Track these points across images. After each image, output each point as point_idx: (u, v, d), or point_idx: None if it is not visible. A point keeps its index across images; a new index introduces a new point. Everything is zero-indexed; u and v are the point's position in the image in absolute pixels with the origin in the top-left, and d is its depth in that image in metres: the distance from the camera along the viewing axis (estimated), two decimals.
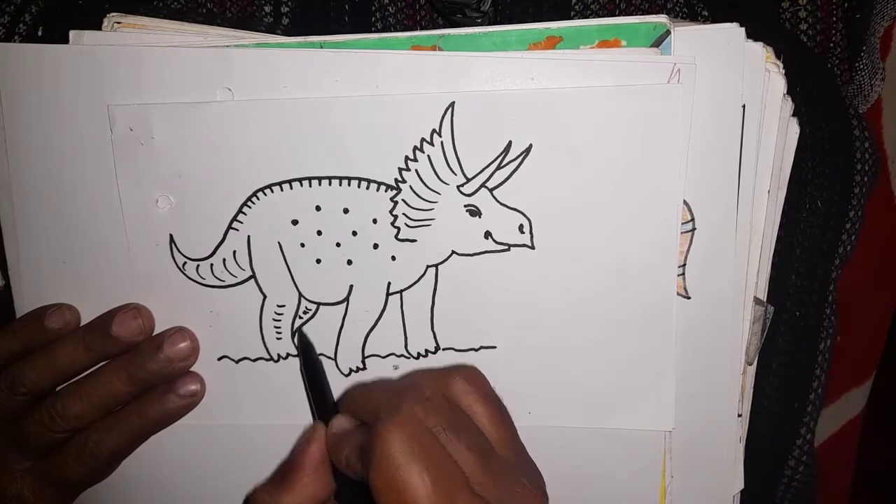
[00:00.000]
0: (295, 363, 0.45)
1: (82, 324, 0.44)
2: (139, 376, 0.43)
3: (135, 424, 0.44)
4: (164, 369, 0.43)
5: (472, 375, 0.39)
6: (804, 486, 0.51)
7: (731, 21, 0.40)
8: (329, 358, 0.45)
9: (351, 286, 0.44)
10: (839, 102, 0.48)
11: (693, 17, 0.48)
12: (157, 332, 0.44)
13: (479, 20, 0.47)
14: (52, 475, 0.44)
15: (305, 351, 0.44)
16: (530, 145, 0.41)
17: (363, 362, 0.44)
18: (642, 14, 0.44)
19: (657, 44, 0.40)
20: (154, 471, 0.47)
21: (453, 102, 0.40)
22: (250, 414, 0.46)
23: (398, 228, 0.42)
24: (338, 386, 0.45)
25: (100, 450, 0.43)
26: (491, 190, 0.41)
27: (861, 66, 0.49)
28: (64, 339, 0.43)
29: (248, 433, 0.46)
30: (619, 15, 0.49)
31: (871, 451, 0.65)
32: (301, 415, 0.45)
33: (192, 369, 0.45)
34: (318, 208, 0.42)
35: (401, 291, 0.43)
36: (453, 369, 0.39)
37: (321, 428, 0.39)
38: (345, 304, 0.44)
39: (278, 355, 0.45)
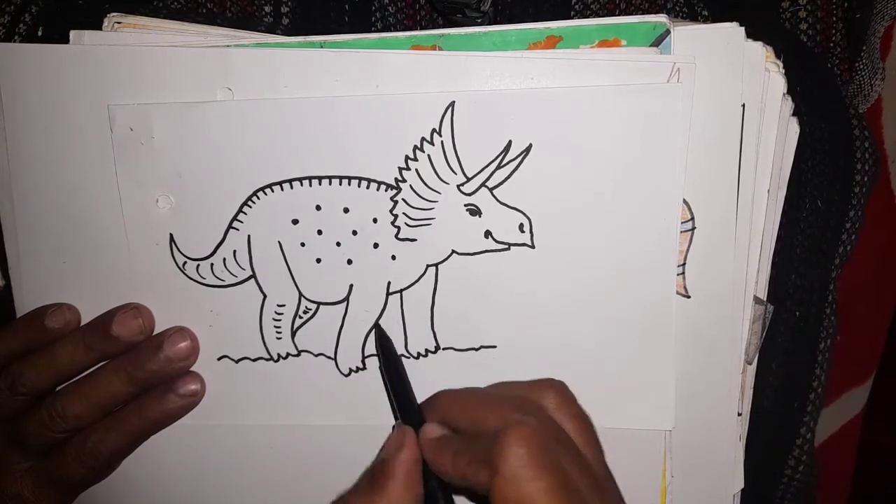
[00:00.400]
0: (294, 363, 0.45)
1: (82, 323, 0.44)
2: (139, 376, 0.43)
3: (134, 424, 0.44)
4: (164, 369, 0.43)
5: (563, 391, 0.38)
6: (804, 486, 0.51)
7: (731, 21, 0.40)
8: (329, 358, 0.45)
9: (351, 286, 0.44)
10: (839, 102, 0.48)
11: (693, 16, 0.48)
12: (157, 331, 0.44)
13: (479, 20, 0.47)
14: (51, 475, 0.44)
15: (385, 348, 0.43)
16: (530, 145, 0.41)
17: (363, 362, 0.44)
18: (642, 14, 0.44)
19: (657, 43, 0.40)
20: (154, 471, 0.46)
21: (453, 102, 0.40)
22: (250, 414, 0.46)
23: (398, 228, 0.42)
24: (338, 386, 0.45)
25: (99, 450, 0.43)
26: (491, 189, 0.41)
27: (861, 66, 0.49)
28: (64, 339, 0.43)
29: (248, 433, 0.46)
30: (618, 14, 0.49)
31: (871, 451, 0.65)
32: (301, 415, 0.45)
33: (192, 369, 0.45)
34: (318, 208, 0.42)
35: (401, 291, 0.43)
36: (543, 383, 0.39)
37: (412, 433, 0.39)
38: (345, 303, 0.44)
39: (278, 355, 0.45)
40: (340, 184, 0.42)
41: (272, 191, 0.42)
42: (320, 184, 0.42)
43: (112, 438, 0.43)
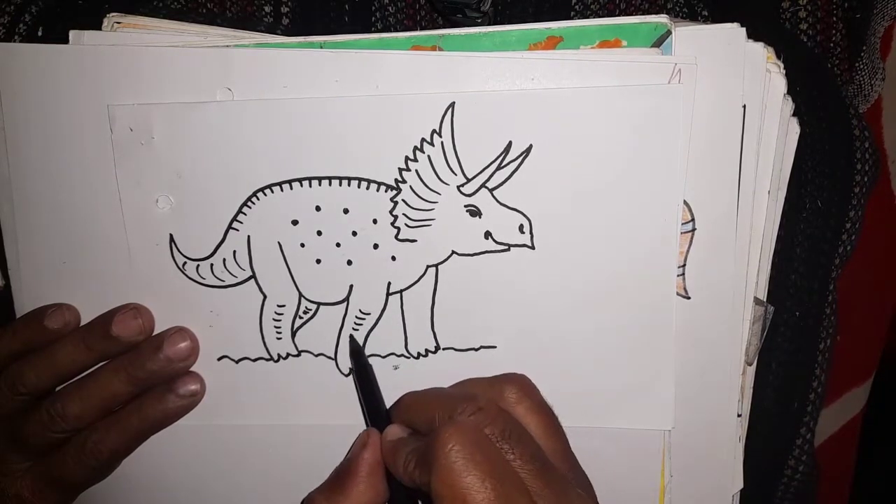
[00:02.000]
0: (295, 363, 0.45)
1: (82, 324, 0.44)
2: (139, 376, 0.43)
3: (134, 425, 0.44)
4: (164, 369, 0.43)
5: (524, 385, 0.39)
6: (804, 486, 0.51)
7: (732, 21, 0.40)
8: (329, 358, 0.45)
9: (351, 286, 0.44)
10: (839, 102, 0.48)
11: (693, 17, 0.48)
12: (157, 331, 0.44)
13: (479, 20, 0.47)
14: (51, 475, 0.44)
15: (356, 357, 0.44)
16: (530, 145, 0.41)
17: None
18: (642, 14, 0.44)
19: (658, 44, 0.40)
20: (154, 471, 0.47)
21: (453, 102, 0.40)
22: (250, 414, 0.46)
23: (398, 228, 0.42)
24: (338, 386, 0.45)
25: (99, 450, 0.43)
26: (491, 190, 0.41)
27: (861, 66, 0.49)
28: (64, 340, 0.43)
29: (248, 433, 0.46)
30: (619, 15, 0.49)
31: (871, 451, 0.65)
32: (301, 415, 0.45)
33: (192, 369, 0.45)
34: (318, 208, 0.42)
35: (401, 291, 0.43)
36: (505, 378, 0.40)
37: (375, 434, 0.40)
38: (345, 304, 0.44)
39: (278, 355, 0.45)
40: (340, 184, 0.42)
41: (272, 191, 0.42)
42: (320, 184, 0.42)
43: (112, 438, 0.43)
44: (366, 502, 0.38)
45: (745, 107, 0.40)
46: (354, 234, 0.43)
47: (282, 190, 0.42)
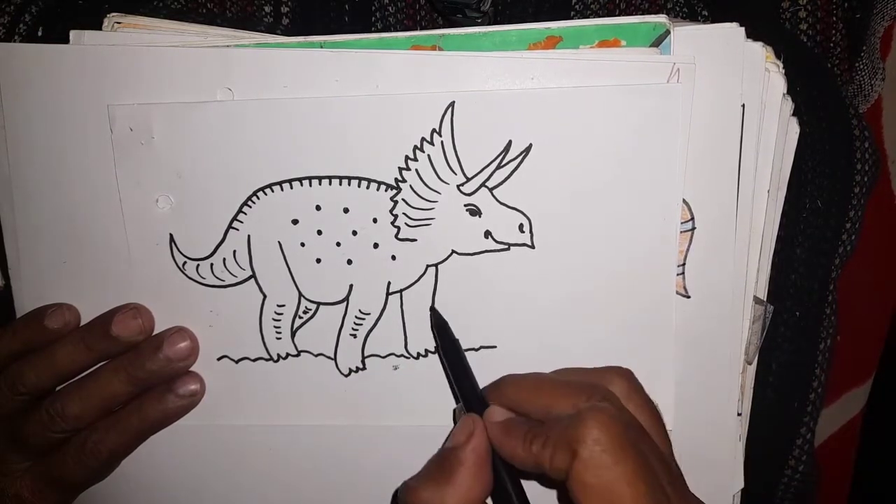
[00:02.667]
0: (294, 363, 0.45)
1: (82, 323, 0.44)
2: (139, 376, 0.43)
3: (134, 425, 0.44)
4: (164, 369, 0.43)
5: (632, 380, 0.38)
6: (804, 486, 0.51)
7: (731, 21, 0.40)
8: (329, 358, 0.45)
9: (351, 286, 0.44)
10: (839, 102, 0.48)
11: (693, 17, 0.48)
12: (157, 331, 0.44)
13: (479, 20, 0.47)
14: (51, 475, 0.44)
15: (442, 331, 0.42)
16: (530, 145, 0.41)
17: (363, 362, 0.44)
18: (642, 14, 0.44)
19: (657, 44, 0.40)
20: (154, 471, 0.46)
21: (453, 102, 0.40)
22: (250, 414, 0.46)
23: (398, 228, 0.42)
24: (338, 387, 0.45)
25: (99, 450, 0.43)
26: (491, 189, 0.41)
27: (861, 66, 0.49)
28: (64, 340, 0.43)
29: (248, 433, 0.46)
30: (618, 15, 0.49)
31: (871, 451, 0.65)
32: (301, 415, 0.45)
33: (191, 369, 0.45)
34: (318, 208, 0.42)
35: (401, 291, 0.43)
36: (612, 371, 0.38)
37: (481, 421, 0.37)
38: (345, 303, 0.44)
39: (278, 355, 0.45)
40: (340, 184, 0.42)
41: (272, 191, 0.42)
42: (320, 184, 0.42)
43: (112, 438, 0.43)
44: (476, 495, 0.36)
45: (744, 106, 0.40)
46: (354, 233, 0.43)
47: (282, 189, 0.42)
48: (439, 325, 0.42)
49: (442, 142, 0.41)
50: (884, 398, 0.63)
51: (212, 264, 0.44)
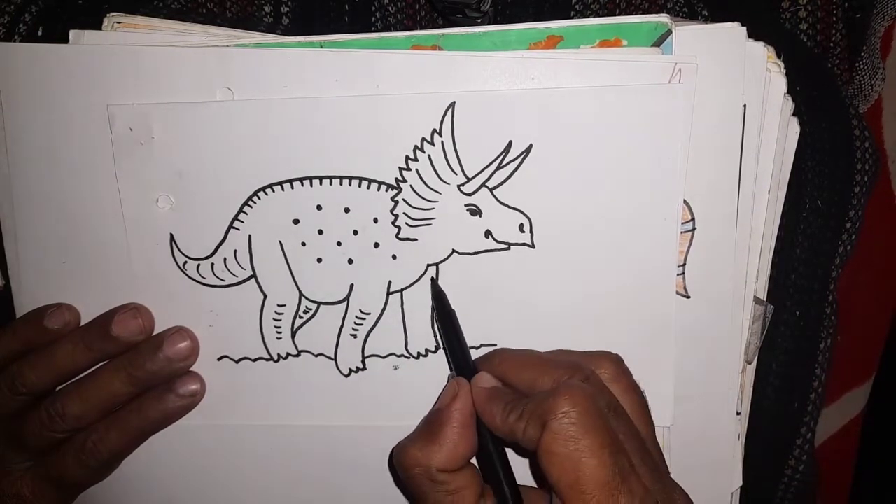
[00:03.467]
0: (294, 363, 0.45)
1: (82, 324, 0.44)
2: (139, 376, 0.43)
3: (134, 425, 0.44)
4: (164, 369, 0.43)
5: (619, 363, 0.39)
6: (804, 486, 0.51)
7: (732, 21, 0.40)
8: (329, 358, 0.45)
9: (351, 285, 0.44)
10: (839, 102, 0.48)
11: (693, 16, 0.48)
12: (157, 331, 0.44)
13: (479, 20, 0.47)
14: (51, 475, 0.44)
15: (439, 301, 0.43)
16: (531, 145, 0.41)
17: (363, 362, 0.44)
18: (642, 14, 0.44)
19: (658, 43, 0.40)
20: (154, 471, 0.47)
21: (454, 102, 0.40)
22: (250, 414, 0.46)
23: (399, 228, 0.42)
24: (338, 387, 0.45)
25: (99, 450, 0.43)
26: (491, 189, 0.41)
27: (861, 66, 0.49)
28: (64, 340, 0.43)
29: (248, 433, 0.46)
30: (619, 14, 0.49)
31: (871, 451, 0.65)
32: (301, 415, 0.45)
33: (191, 369, 0.44)
34: (318, 208, 0.42)
35: (401, 291, 0.43)
36: (601, 354, 0.40)
37: (466, 384, 0.39)
38: (345, 303, 0.44)
39: (278, 355, 0.45)
40: (341, 184, 0.42)
41: (273, 191, 0.42)
42: (321, 184, 0.42)
43: (112, 438, 0.43)
44: (461, 452, 0.38)
45: (745, 106, 0.40)
46: (355, 233, 0.42)
47: (283, 189, 0.42)
48: (437, 295, 0.43)
49: (442, 142, 0.41)
50: (884, 398, 0.63)
51: (212, 264, 0.44)
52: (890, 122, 0.51)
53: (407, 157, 0.41)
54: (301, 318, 0.44)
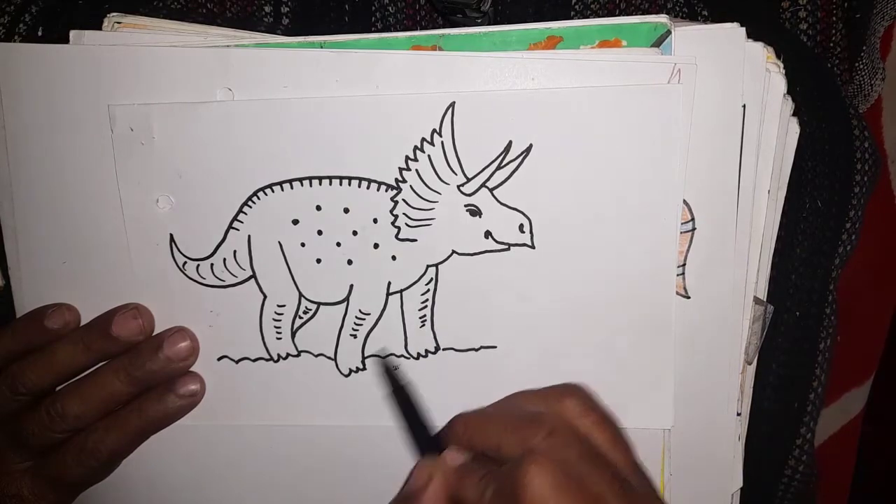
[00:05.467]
0: (294, 364, 0.45)
1: (82, 323, 0.44)
2: (139, 376, 0.43)
3: (134, 425, 0.44)
4: (164, 369, 0.43)
5: (584, 397, 0.38)
6: (804, 487, 0.51)
7: (731, 21, 0.40)
8: (329, 358, 0.45)
9: (351, 286, 0.44)
10: (839, 102, 0.48)
11: (693, 17, 0.48)
12: (157, 331, 0.44)
13: (479, 20, 0.47)
14: (51, 475, 0.44)
15: (390, 376, 0.42)
16: (530, 145, 0.41)
17: (363, 362, 0.44)
18: (642, 14, 0.44)
19: (658, 44, 0.40)
20: (154, 471, 0.46)
21: (454, 102, 0.40)
22: (250, 414, 0.46)
23: (398, 228, 0.42)
24: (338, 387, 0.45)
25: (99, 450, 0.43)
26: (491, 190, 0.41)
27: (861, 66, 0.49)
28: (63, 340, 0.43)
29: (248, 434, 0.46)
30: (619, 15, 0.49)
31: (870, 451, 0.65)
32: (301, 415, 0.45)
33: (191, 369, 0.44)
34: (318, 208, 0.42)
35: (401, 291, 0.43)
36: (563, 390, 0.39)
37: (437, 467, 0.38)
38: (345, 303, 0.44)
39: (278, 355, 0.45)
40: (341, 184, 0.42)
41: (272, 191, 0.42)
42: (321, 184, 0.42)
43: (112, 438, 0.43)
44: None
45: (744, 106, 0.40)
46: (355, 233, 0.42)
47: (282, 189, 0.42)
48: (389, 372, 0.43)
49: (442, 142, 0.41)
50: (884, 398, 0.63)
51: (212, 264, 0.44)
52: (890, 122, 0.51)
53: (407, 158, 0.41)
54: (301, 318, 0.44)
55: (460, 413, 0.40)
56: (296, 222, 0.43)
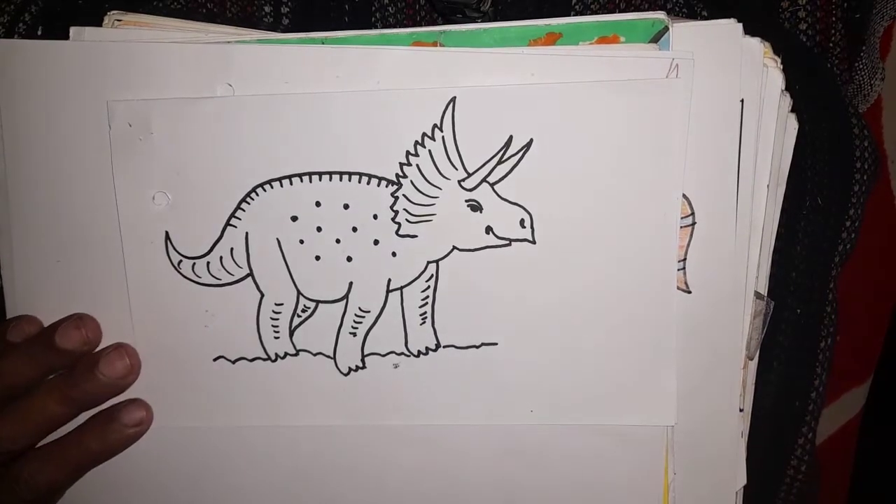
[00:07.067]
0: (293, 363, 0.44)
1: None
2: (74, 396, 0.41)
3: (74, 456, 0.42)
4: (101, 390, 0.42)
5: None
6: (806, 486, 0.51)
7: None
8: (328, 357, 0.44)
9: (350, 283, 0.43)
10: (839, 102, 0.48)
11: (692, 16, 0.49)
12: (151, 334, 0.44)
13: (479, 20, 0.48)
14: None
15: None
16: (531, 140, 0.41)
17: (363, 361, 0.44)
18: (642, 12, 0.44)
19: (655, 40, 0.40)
20: (150, 473, 0.46)
21: (454, 97, 0.40)
22: (247, 415, 0.45)
23: (399, 224, 0.42)
24: (337, 386, 0.44)
25: (36, 480, 0.41)
26: (492, 185, 0.41)
27: (861, 66, 0.49)
28: (9, 351, 0.42)
29: (246, 434, 0.45)
30: (618, 13, 0.49)
31: (870, 451, 0.65)
32: (299, 415, 0.45)
33: (185, 372, 0.44)
34: (317, 204, 0.42)
35: (401, 288, 0.43)
36: None
37: None
38: (344, 301, 0.44)
39: (276, 355, 0.44)
40: (341, 180, 0.42)
41: (271, 187, 0.42)
42: (320, 180, 0.42)
43: (49, 470, 0.42)
44: None
45: (742, 101, 0.40)
46: (355, 229, 0.42)
47: (281, 186, 0.42)
48: None
49: (443, 137, 0.41)
50: (884, 398, 0.63)
51: (208, 262, 0.43)
52: (890, 122, 0.51)
53: (407, 153, 0.41)
54: (299, 316, 0.44)
55: None
56: (294, 219, 0.42)
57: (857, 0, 0.49)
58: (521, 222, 0.42)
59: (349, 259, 0.43)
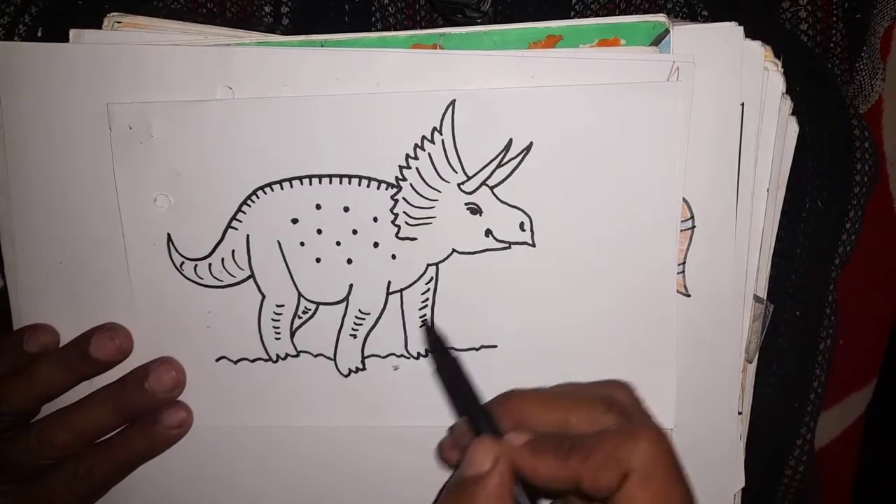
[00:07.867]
0: (293, 364, 0.44)
1: (86, 328, 0.44)
2: (125, 409, 0.43)
3: (124, 454, 0.44)
4: (149, 402, 0.43)
5: (633, 393, 0.37)
6: (805, 488, 0.51)
7: (731, 21, 0.40)
8: (328, 358, 0.44)
9: (351, 285, 0.43)
10: (839, 103, 0.48)
11: (693, 17, 0.49)
12: (154, 335, 0.44)
13: (479, 21, 0.47)
14: (36, 500, 0.43)
15: (441, 351, 0.40)
16: (531, 143, 0.41)
17: (363, 362, 0.44)
18: (642, 14, 0.44)
19: (656, 43, 0.40)
20: (153, 473, 0.46)
21: (454, 100, 0.40)
22: (248, 415, 0.45)
23: (399, 227, 0.42)
24: (337, 387, 0.44)
25: (91, 476, 0.43)
26: (492, 188, 0.41)
27: (861, 67, 0.49)
28: (43, 361, 0.43)
29: (247, 435, 0.46)
30: (618, 15, 0.49)
31: (873, 454, 0.65)
32: (300, 416, 0.45)
33: (188, 372, 0.44)
34: (318, 207, 0.42)
35: (401, 290, 0.43)
36: (612, 384, 0.37)
37: (500, 446, 0.34)
38: (344, 303, 0.44)
39: (277, 356, 0.44)
40: (341, 182, 0.42)
41: (272, 190, 0.42)
42: (320, 182, 0.42)
43: (103, 466, 0.43)
44: None
45: (743, 104, 0.40)
46: (355, 232, 0.42)
47: (282, 188, 0.42)
48: (435, 344, 0.41)
49: (443, 140, 0.41)
50: (886, 402, 0.63)
51: (210, 264, 0.43)
52: (890, 123, 0.51)
53: (407, 156, 0.41)
54: (300, 318, 0.44)
55: (513, 390, 0.38)
56: (295, 221, 0.43)
57: (858, 1, 0.49)
58: (521, 225, 0.42)
59: (349, 261, 0.43)
